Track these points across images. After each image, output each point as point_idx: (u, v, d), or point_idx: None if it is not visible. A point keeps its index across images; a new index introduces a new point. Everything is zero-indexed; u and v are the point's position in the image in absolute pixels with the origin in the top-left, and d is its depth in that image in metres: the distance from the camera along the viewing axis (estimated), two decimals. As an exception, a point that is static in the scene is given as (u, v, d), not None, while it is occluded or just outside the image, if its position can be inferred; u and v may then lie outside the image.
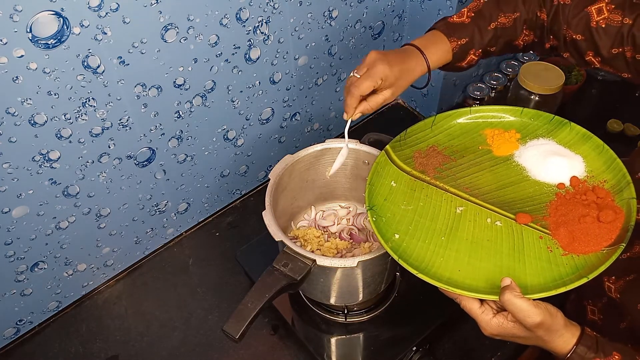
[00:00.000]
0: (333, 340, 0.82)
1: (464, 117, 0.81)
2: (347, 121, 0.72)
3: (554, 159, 0.76)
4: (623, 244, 0.61)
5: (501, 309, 0.60)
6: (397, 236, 0.68)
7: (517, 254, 0.65)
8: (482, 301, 0.61)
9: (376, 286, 0.77)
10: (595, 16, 0.71)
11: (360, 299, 0.78)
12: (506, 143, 0.80)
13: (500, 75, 1.19)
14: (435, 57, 0.74)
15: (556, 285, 0.60)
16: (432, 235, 0.68)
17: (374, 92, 0.71)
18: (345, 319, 0.82)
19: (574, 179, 0.73)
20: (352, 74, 0.71)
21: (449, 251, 0.66)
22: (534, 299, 0.57)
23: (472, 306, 0.61)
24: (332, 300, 0.78)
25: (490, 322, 0.59)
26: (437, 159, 0.79)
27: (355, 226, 0.91)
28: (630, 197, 0.66)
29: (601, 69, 0.76)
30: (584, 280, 0.58)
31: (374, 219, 0.70)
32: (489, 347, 0.84)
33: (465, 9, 0.77)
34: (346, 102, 0.70)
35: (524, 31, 0.77)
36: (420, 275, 0.62)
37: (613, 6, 0.70)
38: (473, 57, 0.76)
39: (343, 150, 0.77)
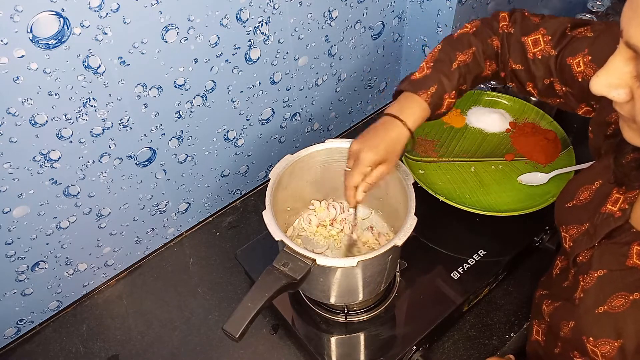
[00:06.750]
0: (333, 339, 0.82)
1: None
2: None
3: (493, 116, 1.06)
4: (571, 146, 0.99)
5: None
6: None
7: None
8: None
9: (376, 286, 0.78)
10: (532, 47, 0.72)
11: (360, 299, 0.78)
12: (456, 118, 1.08)
13: (500, 75, 1.19)
14: (413, 118, 0.73)
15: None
16: (464, 189, 0.96)
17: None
18: (345, 318, 0.82)
19: (511, 123, 1.07)
20: (345, 167, 0.75)
21: (484, 196, 0.95)
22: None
23: None
24: (332, 300, 0.78)
25: None
26: (428, 144, 1.04)
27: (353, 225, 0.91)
28: (549, 121, 1.04)
29: (542, 100, 0.77)
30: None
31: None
32: (489, 347, 0.85)
33: (424, 63, 0.77)
34: (345, 194, 0.75)
35: (486, 62, 0.77)
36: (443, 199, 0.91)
37: (549, 37, 0.70)
38: (450, 100, 0.75)
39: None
